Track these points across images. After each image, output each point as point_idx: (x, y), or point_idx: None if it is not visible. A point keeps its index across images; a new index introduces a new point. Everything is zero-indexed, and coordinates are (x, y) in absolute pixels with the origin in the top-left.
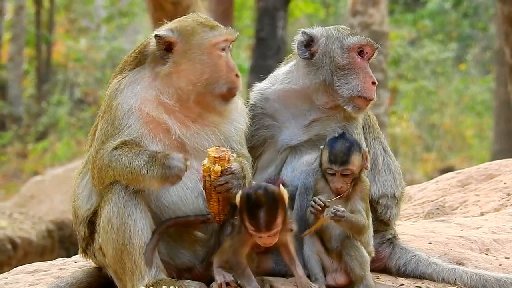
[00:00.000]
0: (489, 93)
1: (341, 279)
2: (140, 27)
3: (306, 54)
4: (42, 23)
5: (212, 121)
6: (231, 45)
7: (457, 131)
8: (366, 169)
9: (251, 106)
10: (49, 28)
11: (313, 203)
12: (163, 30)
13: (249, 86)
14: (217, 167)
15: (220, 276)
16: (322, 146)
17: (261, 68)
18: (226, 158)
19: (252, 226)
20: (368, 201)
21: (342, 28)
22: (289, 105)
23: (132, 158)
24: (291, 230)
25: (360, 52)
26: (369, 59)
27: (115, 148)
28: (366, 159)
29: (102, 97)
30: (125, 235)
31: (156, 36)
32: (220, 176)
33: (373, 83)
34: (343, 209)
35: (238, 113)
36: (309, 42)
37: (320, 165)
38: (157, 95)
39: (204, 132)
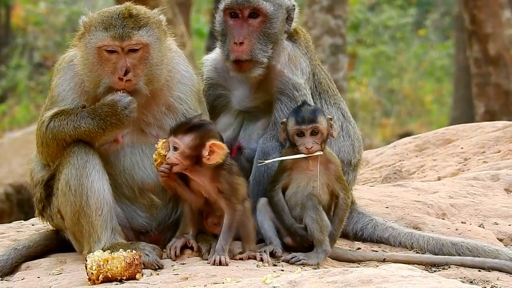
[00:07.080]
0: (448, 59)
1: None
2: None
3: None
4: None
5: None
6: (139, 47)
7: (416, 96)
8: (333, 137)
9: (205, 79)
10: None
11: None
12: (87, 15)
13: (209, 49)
14: None
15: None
16: (284, 119)
17: None
18: None
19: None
20: (344, 181)
21: None
22: None
23: (74, 125)
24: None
25: (233, 14)
26: (251, 16)
27: (52, 118)
28: (331, 126)
29: None
30: (82, 196)
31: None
32: None
33: (235, 43)
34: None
35: (177, 81)
36: None
37: (287, 137)
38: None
39: (145, 106)
